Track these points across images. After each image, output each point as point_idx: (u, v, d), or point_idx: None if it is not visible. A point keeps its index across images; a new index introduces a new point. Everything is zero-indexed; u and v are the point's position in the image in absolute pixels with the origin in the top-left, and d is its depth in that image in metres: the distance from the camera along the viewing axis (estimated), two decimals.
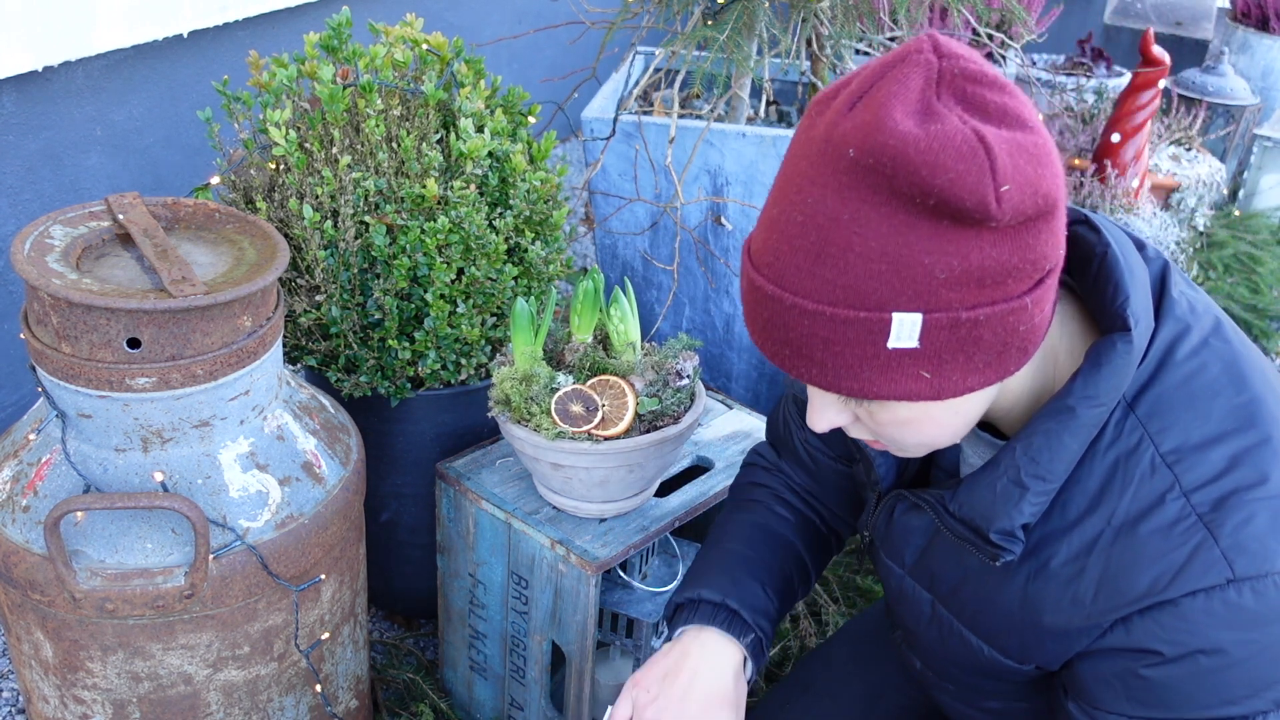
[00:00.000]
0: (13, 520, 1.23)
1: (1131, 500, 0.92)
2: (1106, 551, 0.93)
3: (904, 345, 0.85)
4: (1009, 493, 0.95)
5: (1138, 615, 0.92)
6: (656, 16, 2.31)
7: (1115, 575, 0.93)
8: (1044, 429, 0.94)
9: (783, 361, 0.90)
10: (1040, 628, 0.98)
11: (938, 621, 1.10)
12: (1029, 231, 0.83)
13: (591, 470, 1.41)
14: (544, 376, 1.42)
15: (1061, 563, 0.96)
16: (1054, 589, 0.96)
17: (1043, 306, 0.88)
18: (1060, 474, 0.94)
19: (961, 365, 0.87)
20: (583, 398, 1.39)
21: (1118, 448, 0.94)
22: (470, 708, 1.76)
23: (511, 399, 1.41)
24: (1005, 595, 1.01)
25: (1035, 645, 1.00)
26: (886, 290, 0.83)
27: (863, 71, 0.84)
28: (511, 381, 1.42)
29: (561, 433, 1.38)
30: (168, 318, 1.17)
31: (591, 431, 1.38)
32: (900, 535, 1.12)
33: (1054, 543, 0.96)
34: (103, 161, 2.34)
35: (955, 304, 0.84)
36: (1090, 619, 0.94)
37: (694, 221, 2.39)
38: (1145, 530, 0.91)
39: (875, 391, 0.88)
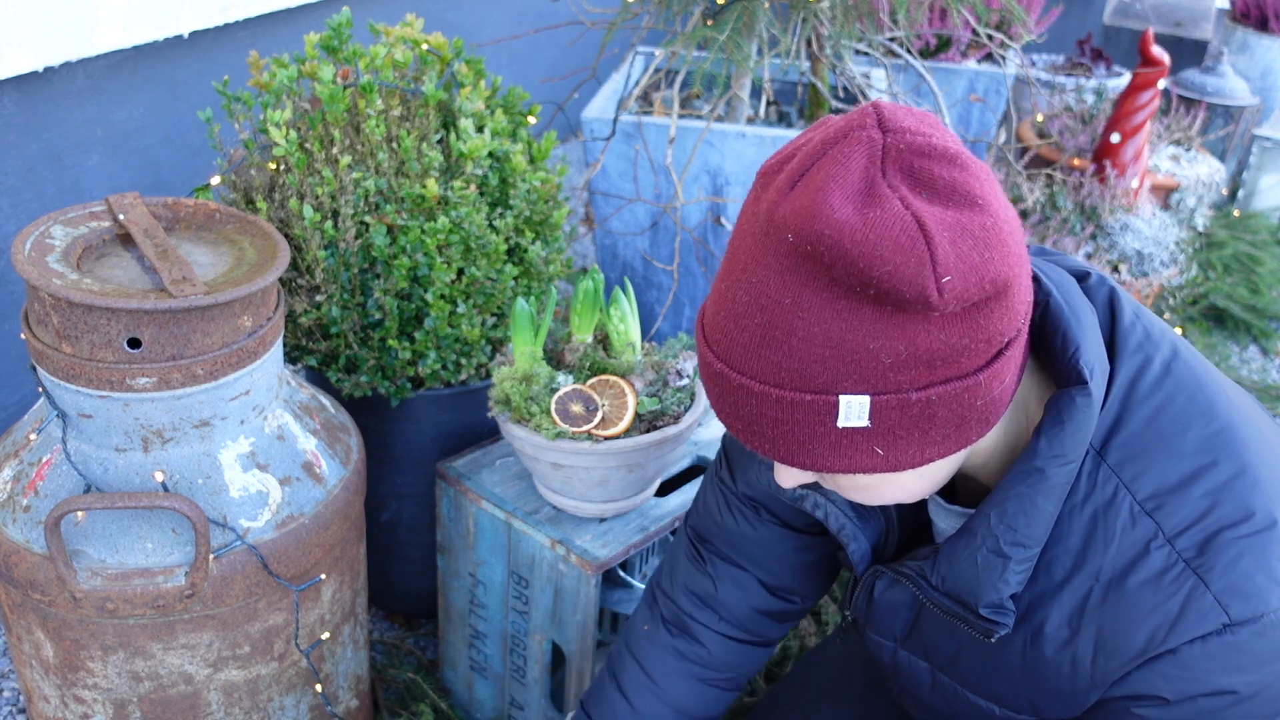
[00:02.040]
0: (13, 520, 1.23)
1: (1116, 554, 0.90)
2: (1098, 611, 0.91)
3: (854, 424, 0.83)
4: (991, 564, 0.93)
5: (1136, 669, 0.90)
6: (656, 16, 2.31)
7: (1111, 634, 0.91)
8: (1015, 494, 0.91)
9: (738, 433, 0.88)
10: (1047, 690, 0.97)
11: (941, 688, 1.08)
12: (979, 313, 0.80)
13: (591, 470, 1.41)
14: (544, 376, 1.42)
15: (1055, 626, 0.94)
16: (1052, 654, 0.95)
17: (1001, 378, 0.85)
18: (1039, 538, 0.91)
19: (917, 440, 0.85)
20: (583, 398, 1.40)
21: (1094, 501, 0.91)
22: (470, 707, 1.76)
23: (512, 399, 1.41)
24: (1005, 662, 0.99)
25: (1045, 706, 0.98)
26: (831, 374, 0.81)
27: (806, 144, 0.81)
28: (512, 381, 1.42)
29: (561, 432, 1.38)
30: (168, 318, 1.17)
31: (591, 431, 1.38)
32: (886, 611, 1.09)
33: (1044, 606, 0.94)
34: (103, 162, 2.34)
35: (905, 385, 0.81)
36: (1094, 681, 0.93)
37: (694, 221, 2.39)
38: (1134, 584, 0.89)
39: (828, 466, 0.86)
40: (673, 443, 1.43)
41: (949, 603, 0.98)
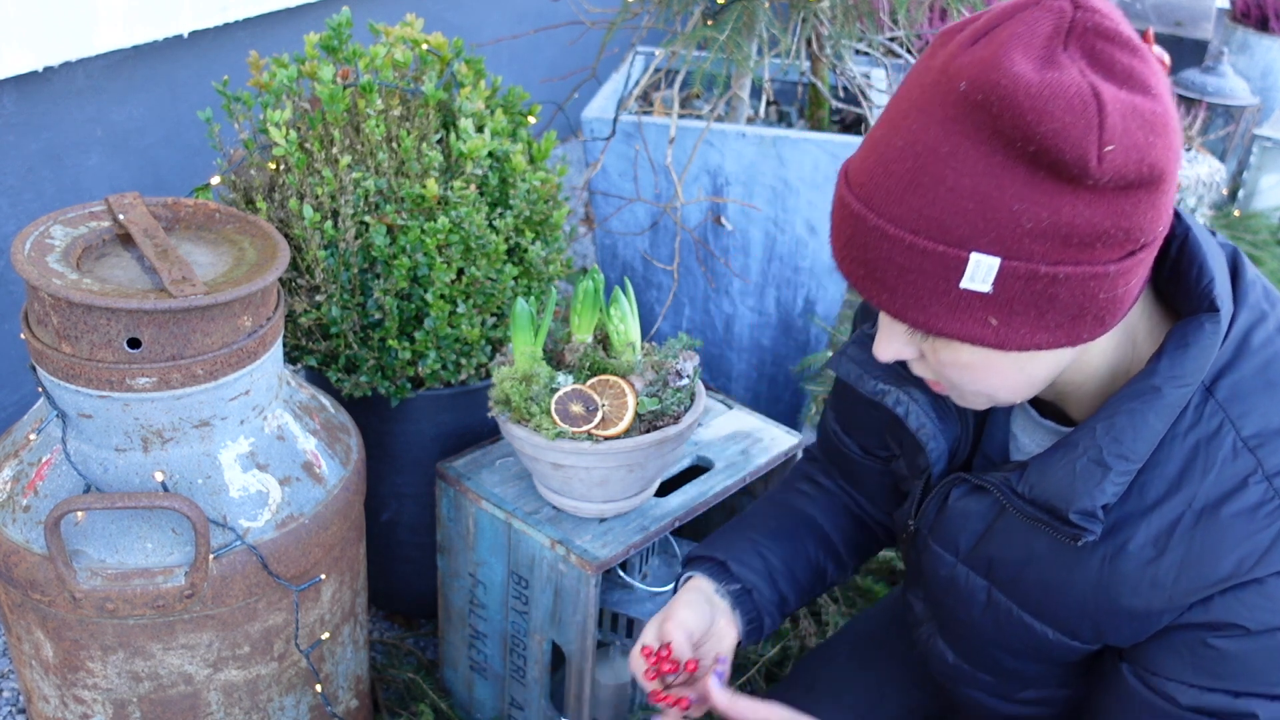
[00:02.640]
0: (13, 520, 1.23)
1: (1213, 484, 0.92)
2: (1188, 535, 0.92)
3: (976, 288, 0.84)
4: (1090, 472, 0.93)
5: (1219, 595, 0.91)
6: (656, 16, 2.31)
7: (1198, 558, 0.91)
8: (1127, 409, 0.93)
9: (857, 282, 0.90)
10: (1117, 610, 0.97)
11: (993, 608, 1.07)
12: (1128, 199, 0.82)
13: (591, 470, 1.41)
14: (544, 376, 1.42)
15: (1140, 545, 0.94)
16: (1132, 571, 0.95)
17: (1129, 279, 0.87)
18: (1143, 454, 0.93)
19: (1032, 320, 0.86)
20: (583, 398, 1.40)
21: (1197, 431, 0.93)
22: (470, 708, 1.76)
23: (511, 399, 1.41)
24: (1079, 578, 0.98)
25: (1111, 627, 0.98)
26: (969, 229, 0.82)
27: (994, 9, 0.83)
28: (511, 381, 1.42)
29: (561, 433, 1.38)
30: (168, 318, 1.17)
31: (591, 431, 1.38)
32: (955, 521, 1.09)
33: (1132, 525, 0.95)
34: (103, 161, 2.34)
35: (1037, 256, 0.83)
36: (1171, 600, 0.93)
37: (694, 221, 2.39)
38: (1228, 513, 0.91)
39: (939, 328, 0.87)
40: (673, 443, 1.43)
41: (1033, 509, 0.98)
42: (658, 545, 1.74)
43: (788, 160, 2.27)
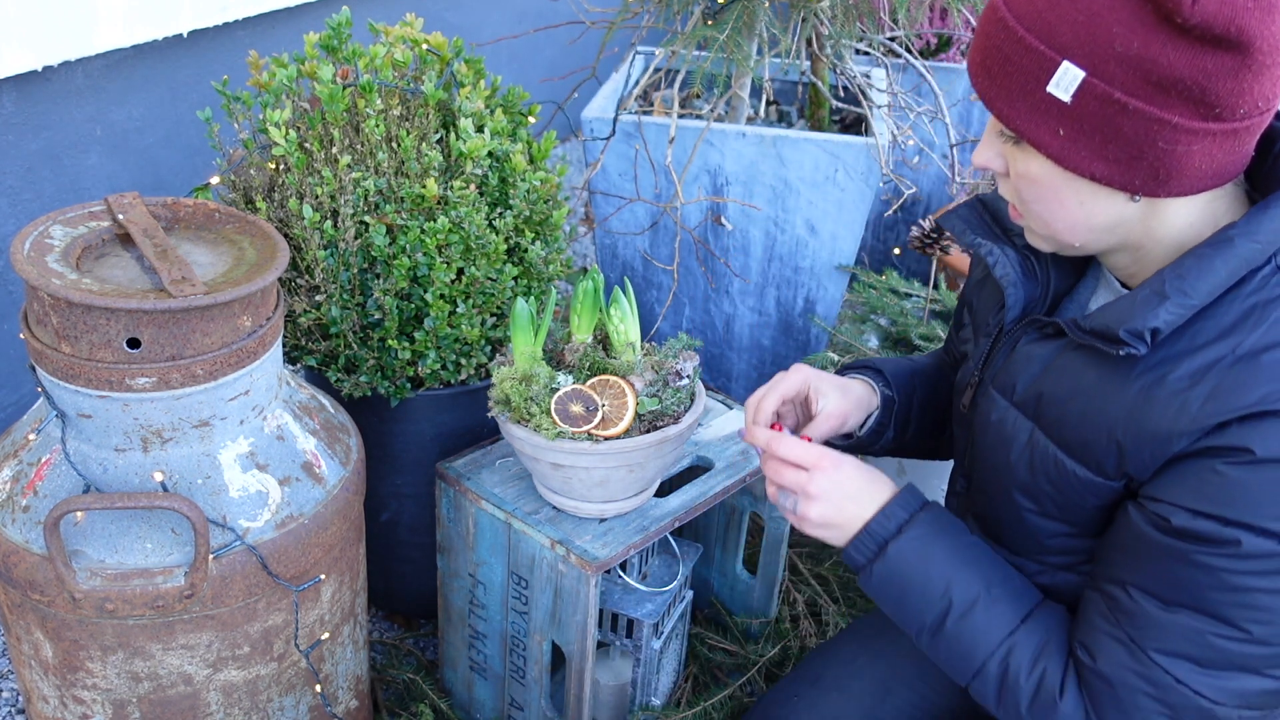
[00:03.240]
0: (13, 520, 1.23)
1: (1261, 336, 0.97)
2: (1225, 371, 0.98)
3: (1058, 94, 0.96)
4: (1149, 300, 1.01)
5: (1237, 421, 0.95)
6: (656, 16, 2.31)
7: (1228, 389, 0.97)
8: (1198, 253, 1.00)
9: (974, 70, 1.03)
10: (1141, 434, 1.02)
11: (1031, 449, 1.13)
12: (1210, 57, 0.90)
13: (591, 470, 1.41)
14: (544, 376, 1.42)
15: (1178, 377, 1.00)
16: (1165, 398, 1.00)
17: (1195, 144, 0.94)
18: (1202, 293, 0.99)
19: (1095, 146, 0.97)
20: (583, 398, 1.39)
21: (1259, 295, 0.99)
22: (470, 708, 1.76)
23: (511, 399, 1.41)
24: (1116, 406, 1.04)
25: (1134, 452, 1.03)
26: (1071, 37, 0.94)
27: None
28: (511, 381, 1.42)
29: (561, 433, 1.38)
30: (168, 318, 1.17)
31: (591, 431, 1.38)
32: (1019, 365, 1.17)
33: (1177, 360, 1.01)
34: (102, 161, 2.34)
35: (1116, 81, 0.93)
36: (1194, 422, 0.98)
37: (694, 221, 2.39)
38: (1268, 358, 0.96)
39: (1018, 123, 0.99)
40: (673, 443, 1.43)
41: (1090, 337, 1.06)
42: (658, 545, 1.74)
43: (788, 160, 2.27)
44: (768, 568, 1.84)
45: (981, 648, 1.12)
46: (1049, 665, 1.09)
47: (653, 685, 1.73)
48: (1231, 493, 0.96)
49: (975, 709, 1.33)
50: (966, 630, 1.13)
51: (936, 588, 1.14)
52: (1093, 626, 1.07)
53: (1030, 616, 1.13)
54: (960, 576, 1.14)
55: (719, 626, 1.92)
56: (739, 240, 2.40)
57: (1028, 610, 1.13)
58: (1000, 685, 1.11)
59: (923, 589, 1.14)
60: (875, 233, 3.29)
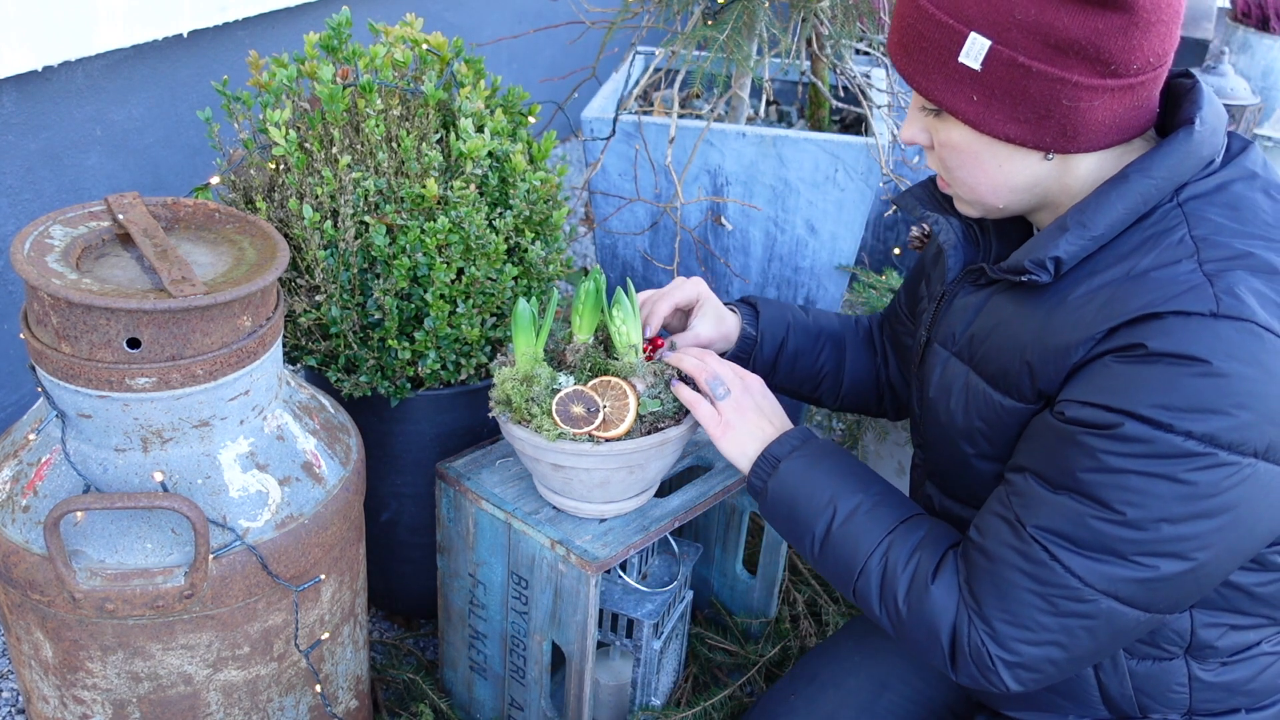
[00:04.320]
0: (12, 520, 1.23)
1: (1154, 259, 1.05)
2: (1117, 286, 1.06)
3: (969, 64, 1.05)
4: (1051, 233, 1.11)
5: (1125, 327, 1.03)
6: (656, 16, 2.31)
7: (1119, 299, 1.04)
8: (1097, 191, 1.09)
9: (893, 50, 1.12)
10: (1046, 351, 1.09)
11: (966, 390, 1.22)
12: (1099, 18, 1.00)
13: (592, 471, 1.41)
14: (545, 377, 1.42)
15: (1077, 297, 1.09)
16: (1064, 315, 1.09)
17: (1093, 101, 1.04)
18: (1101, 225, 1.08)
19: (1006, 109, 1.06)
20: (584, 399, 1.39)
21: (1157, 227, 1.08)
22: (470, 708, 1.76)
23: (512, 399, 1.41)
24: (1026, 330, 1.13)
25: (1041, 370, 1.10)
26: (977, 11, 1.03)
27: None
28: (512, 382, 1.42)
29: (562, 434, 1.38)
30: (168, 318, 1.17)
31: (592, 433, 1.38)
32: (956, 316, 1.27)
33: (1076, 284, 1.10)
34: (102, 161, 2.34)
35: (1020, 47, 1.02)
36: (1088, 330, 1.05)
37: (694, 221, 2.39)
38: (1155, 274, 1.04)
39: (937, 95, 1.08)
40: (674, 444, 1.43)
41: (1004, 273, 1.16)
42: (658, 545, 1.74)
43: (788, 160, 2.27)
44: (768, 568, 1.84)
45: (864, 548, 1.19)
46: (923, 555, 1.17)
47: (653, 685, 1.73)
48: (1117, 383, 1.02)
49: (968, 701, 1.34)
50: (850, 533, 1.21)
51: (821, 498, 1.23)
52: (987, 510, 1.15)
53: (909, 520, 1.21)
54: (844, 488, 1.23)
55: (719, 626, 1.92)
56: (739, 240, 2.40)
57: (907, 515, 1.22)
58: (880, 581, 1.18)
59: (810, 501, 1.24)
60: (875, 233, 3.29)
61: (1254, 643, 1.19)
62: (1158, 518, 1.01)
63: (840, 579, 1.22)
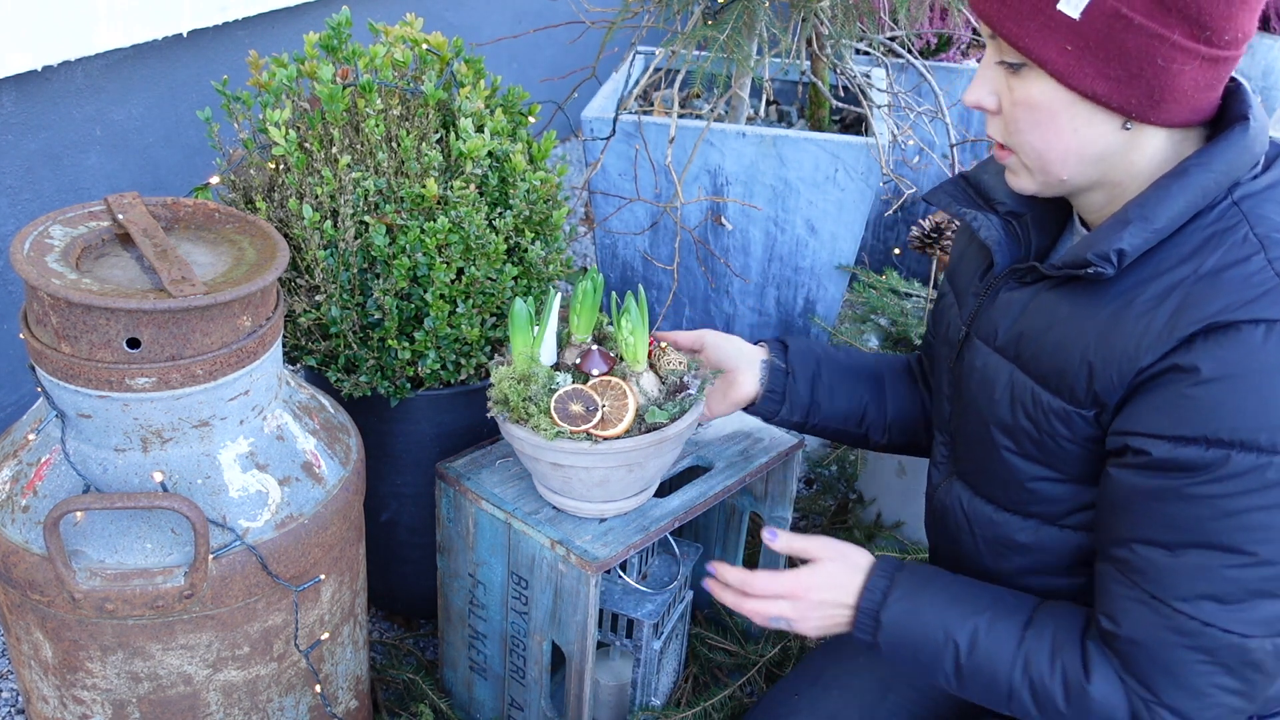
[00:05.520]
0: (12, 520, 1.23)
1: (1221, 257, 1.03)
2: (1188, 289, 1.03)
3: (1068, 11, 1.01)
4: (1114, 226, 1.07)
5: (1201, 336, 0.99)
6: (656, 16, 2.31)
7: (1189, 304, 1.01)
8: (1157, 183, 1.07)
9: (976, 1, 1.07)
10: (1110, 353, 1.06)
11: (1011, 387, 1.18)
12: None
13: (591, 470, 1.41)
14: (543, 376, 1.42)
15: (1145, 299, 1.05)
16: (1132, 317, 1.06)
17: (1184, 66, 1.01)
18: (1163, 219, 1.05)
19: (1099, 64, 1.02)
20: (582, 397, 1.39)
21: (1217, 225, 1.05)
22: (470, 708, 1.76)
23: (510, 399, 1.41)
24: (1087, 329, 1.09)
25: (1102, 373, 1.07)
26: None
27: None
28: (509, 381, 1.42)
29: (560, 432, 1.38)
30: (167, 318, 1.17)
31: (590, 431, 1.38)
32: (999, 313, 1.23)
33: (1143, 286, 1.06)
34: (102, 161, 2.34)
35: None
36: (1160, 336, 1.02)
37: (694, 221, 2.39)
38: (1227, 275, 1.01)
39: (1028, 43, 1.04)
40: (672, 443, 1.43)
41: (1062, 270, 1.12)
42: (658, 545, 1.74)
43: (788, 160, 2.27)
44: (768, 568, 1.84)
45: (1001, 673, 1.13)
46: (1066, 658, 1.11)
47: (653, 685, 1.73)
48: (1206, 412, 0.98)
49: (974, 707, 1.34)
50: (981, 663, 1.15)
51: (937, 637, 1.17)
52: (1111, 595, 1.08)
53: (1031, 623, 1.15)
54: (954, 617, 1.17)
55: (719, 626, 1.92)
56: (739, 240, 2.40)
57: (1027, 619, 1.15)
58: (1034, 699, 1.12)
59: (927, 643, 1.17)
60: (875, 233, 3.29)
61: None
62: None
63: (991, 704, 1.17)
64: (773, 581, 1.28)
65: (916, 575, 1.22)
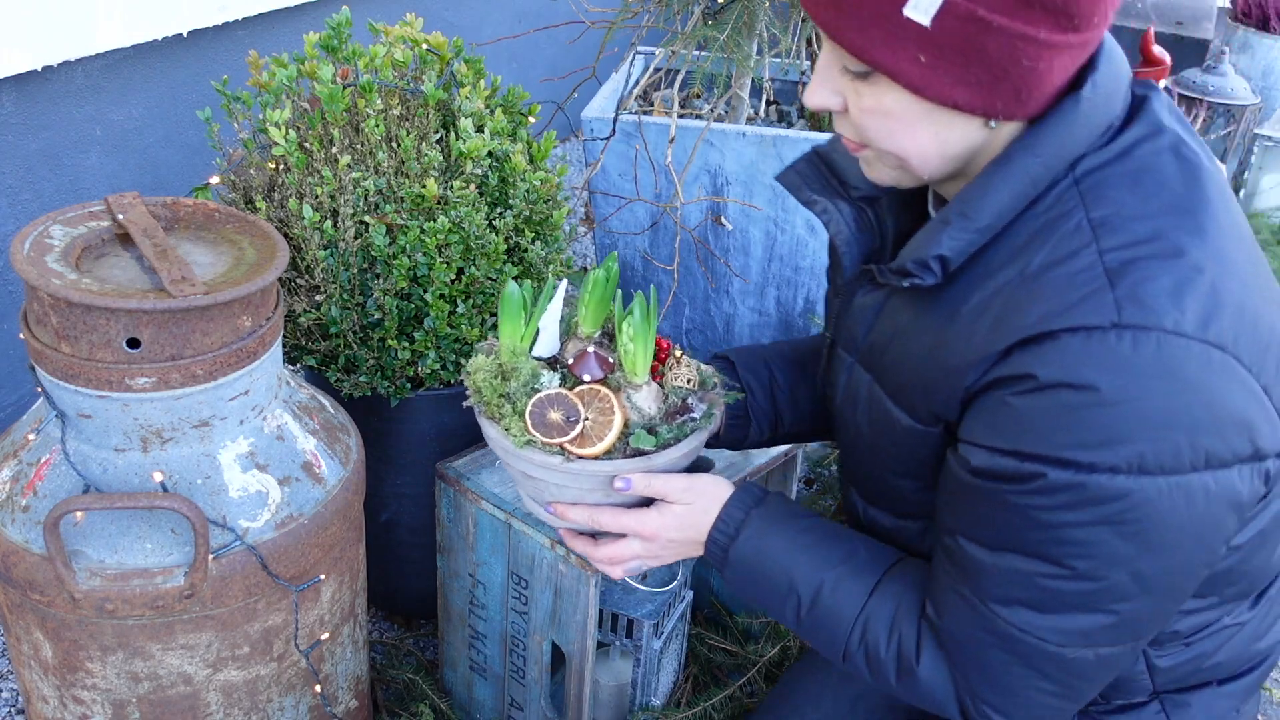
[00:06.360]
0: (12, 520, 1.23)
1: (1049, 253, 0.94)
2: (1011, 293, 0.95)
3: (917, 17, 0.88)
4: (934, 229, 0.99)
5: (1019, 348, 0.92)
6: (656, 16, 2.31)
7: (1011, 312, 0.94)
8: (979, 177, 0.97)
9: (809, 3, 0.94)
10: (939, 370, 0.99)
11: (870, 403, 1.11)
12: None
13: (562, 488, 1.24)
14: (526, 372, 1.24)
15: (970, 307, 0.98)
16: (957, 330, 0.98)
17: (1052, 61, 0.90)
18: (986, 215, 0.96)
19: (957, 70, 0.90)
20: (564, 404, 1.20)
21: (1051, 212, 0.96)
22: (470, 708, 1.76)
23: (483, 391, 1.24)
24: (920, 343, 1.02)
25: (935, 392, 1.00)
26: None
27: None
28: (485, 372, 1.24)
29: (531, 441, 1.19)
30: (167, 318, 1.17)
31: (565, 445, 1.19)
32: (856, 318, 1.15)
33: (970, 290, 0.98)
34: (102, 161, 2.34)
35: None
36: (981, 351, 0.95)
37: (694, 221, 2.39)
38: (1050, 275, 0.93)
39: (873, 54, 0.91)
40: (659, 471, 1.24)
41: (891, 276, 1.03)
42: None
43: (788, 160, 2.27)
44: None
45: (840, 634, 1.10)
46: (903, 630, 1.07)
47: (653, 685, 1.73)
48: (1022, 424, 0.92)
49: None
50: (821, 620, 1.11)
51: (781, 584, 1.12)
52: (937, 582, 1.05)
53: (878, 587, 1.10)
54: (801, 566, 1.11)
55: (719, 626, 1.92)
56: (739, 240, 2.40)
57: (874, 582, 1.11)
58: (867, 662, 1.10)
59: (771, 587, 1.13)
60: None
61: (1212, 621, 1.12)
62: (1110, 564, 0.93)
63: (826, 655, 1.14)
64: (621, 517, 1.21)
65: (773, 513, 1.15)
